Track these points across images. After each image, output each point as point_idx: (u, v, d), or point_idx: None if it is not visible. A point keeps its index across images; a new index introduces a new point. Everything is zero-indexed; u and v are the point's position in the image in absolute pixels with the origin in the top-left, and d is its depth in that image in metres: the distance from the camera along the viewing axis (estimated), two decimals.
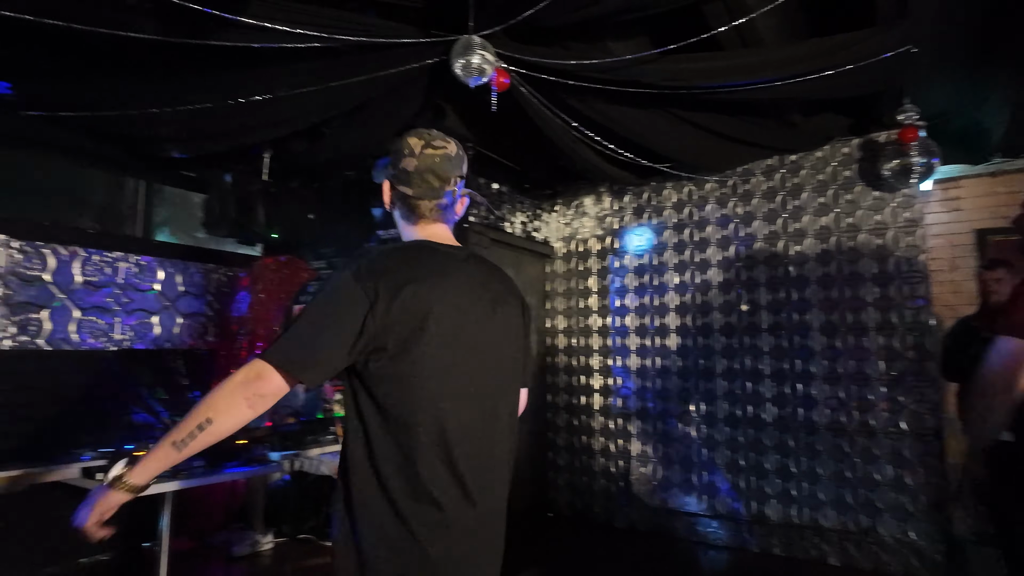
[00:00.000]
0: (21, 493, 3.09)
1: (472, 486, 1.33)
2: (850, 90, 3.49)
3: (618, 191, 5.21)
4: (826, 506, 4.09)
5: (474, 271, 1.46)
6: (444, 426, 1.31)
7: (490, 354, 1.42)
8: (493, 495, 1.41)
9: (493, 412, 1.41)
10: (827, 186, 4.34)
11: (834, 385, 4.15)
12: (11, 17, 2.36)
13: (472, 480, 1.33)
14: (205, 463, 3.05)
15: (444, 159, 1.46)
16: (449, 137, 1.52)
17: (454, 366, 1.34)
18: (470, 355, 1.37)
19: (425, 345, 1.29)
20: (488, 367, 1.41)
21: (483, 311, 1.41)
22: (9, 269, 3.76)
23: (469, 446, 1.34)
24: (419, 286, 1.30)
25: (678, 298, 4.82)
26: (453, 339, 1.34)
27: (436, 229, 1.50)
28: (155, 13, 2.52)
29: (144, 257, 4.47)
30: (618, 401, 5.01)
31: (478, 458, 1.36)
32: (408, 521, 1.27)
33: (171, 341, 4.59)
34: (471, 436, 1.35)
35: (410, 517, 1.27)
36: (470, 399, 1.36)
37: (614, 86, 3.23)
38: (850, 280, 4.18)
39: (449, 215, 1.52)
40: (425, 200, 1.46)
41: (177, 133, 3.79)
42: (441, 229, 1.51)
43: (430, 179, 1.44)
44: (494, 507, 1.42)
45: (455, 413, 1.33)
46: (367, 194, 5.18)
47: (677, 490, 4.65)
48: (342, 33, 2.76)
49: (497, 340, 1.44)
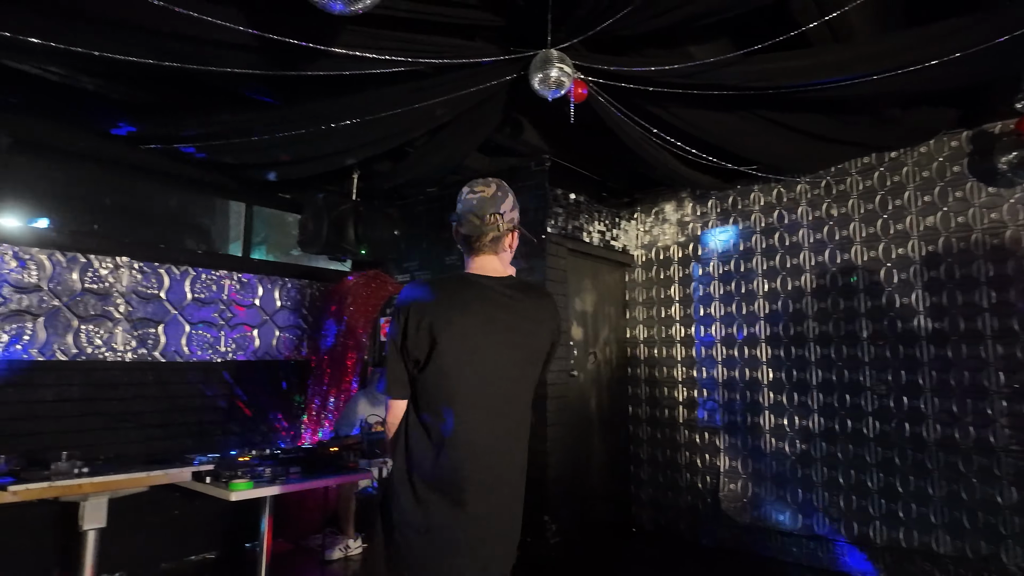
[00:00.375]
0: (141, 495, 3.37)
1: (479, 478, 1.59)
2: (959, 80, 3.23)
3: (701, 196, 5.07)
4: (939, 529, 3.77)
5: (503, 299, 1.72)
6: (454, 427, 1.58)
7: (500, 368, 1.67)
8: (501, 484, 1.65)
9: (500, 415, 1.66)
10: (933, 183, 4.04)
11: (945, 398, 3.84)
12: (135, 62, 2.60)
13: (479, 473, 1.59)
14: (301, 470, 3.20)
15: (480, 200, 1.72)
16: (492, 180, 1.79)
17: (463, 378, 1.62)
18: (478, 369, 1.64)
19: (439, 360, 1.60)
20: (497, 378, 1.66)
21: (497, 333, 1.68)
22: (131, 288, 4.13)
23: (477, 444, 1.61)
24: (434, 316, 1.62)
25: (768, 306, 4.62)
26: (462, 357, 1.62)
27: (485, 261, 1.77)
28: (255, 49, 2.71)
29: (245, 275, 4.79)
30: (704, 414, 4.85)
31: (485, 455, 1.61)
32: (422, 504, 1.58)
33: (270, 353, 4.88)
34: (479, 436, 1.62)
35: (424, 502, 1.58)
36: (478, 405, 1.63)
37: (696, 90, 3.16)
38: (962, 284, 3.86)
39: (497, 248, 1.76)
40: (473, 236, 1.73)
41: (274, 159, 4.05)
42: (490, 261, 1.77)
43: (472, 219, 1.72)
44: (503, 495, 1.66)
45: (464, 416, 1.60)
46: (448, 209, 5.30)
47: (769, 508, 4.43)
48: (427, 56, 2.86)
49: (508, 356, 1.69)
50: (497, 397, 1.66)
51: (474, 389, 1.63)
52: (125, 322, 4.08)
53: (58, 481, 2.65)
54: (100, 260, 4.02)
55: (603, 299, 5.22)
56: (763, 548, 4.41)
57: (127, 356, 4.07)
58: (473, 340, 1.63)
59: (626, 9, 2.55)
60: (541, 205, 4.67)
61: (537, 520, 4.29)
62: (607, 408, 5.13)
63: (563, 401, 4.59)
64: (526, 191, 4.78)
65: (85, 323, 3.91)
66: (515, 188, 4.94)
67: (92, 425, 3.89)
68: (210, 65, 2.76)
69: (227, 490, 2.82)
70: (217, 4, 2.42)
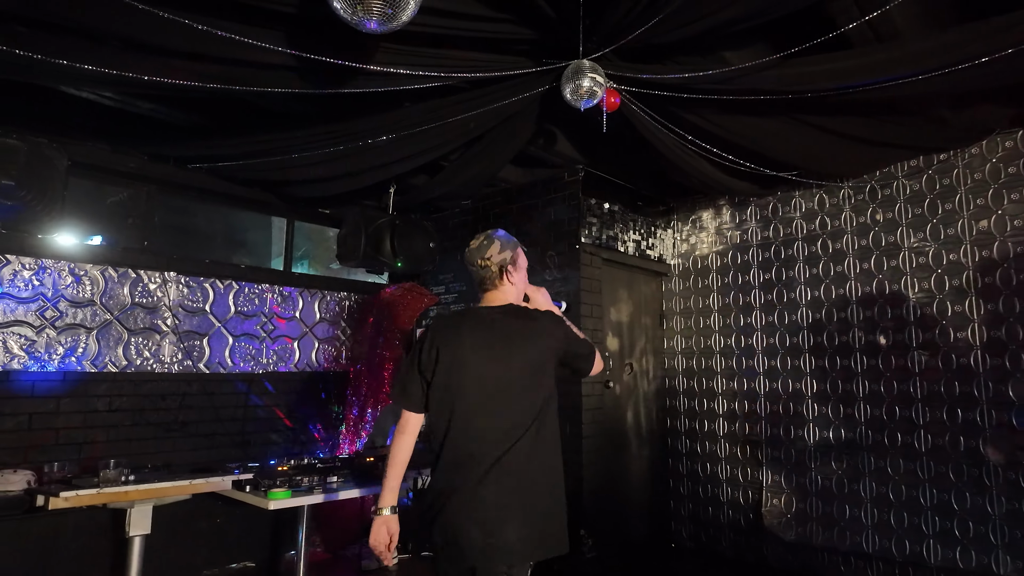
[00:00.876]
0: (185, 503, 3.46)
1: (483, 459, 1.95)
2: (1015, 76, 3.08)
3: (739, 203, 4.97)
4: (999, 550, 3.57)
5: (500, 323, 2.12)
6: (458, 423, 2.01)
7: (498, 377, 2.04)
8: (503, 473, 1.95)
9: (492, 414, 2.01)
10: (987, 186, 3.87)
11: (1003, 411, 3.65)
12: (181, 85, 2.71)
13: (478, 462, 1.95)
14: (338, 479, 3.24)
15: (470, 252, 2.23)
16: (480, 234, 2.26)
17: (464, 387, 2.03)
18: (477, 379, 2.04)
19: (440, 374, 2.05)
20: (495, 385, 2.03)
21: (496, 350, 2.07)
22: (178, 302, 4.28)
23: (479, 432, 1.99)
24: (442, 343, 2.08)
25: (811, 315, 4.48)
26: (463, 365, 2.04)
27: (489, 296, 2.22)
28: (294, 68, 2.79)
29: (286, 288, 4.91)
30: (746, 426, 4.72)
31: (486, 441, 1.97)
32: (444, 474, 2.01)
33: (310, 364, 4.98)
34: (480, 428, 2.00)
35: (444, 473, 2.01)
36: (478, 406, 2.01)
37: (732, 96, 3.11)
38: (1021, 290, 3.67)
39: (497, 284, 2.20)
40: (475, 279, 2.24)
41: (314, 175, 4.15)
42: (492, 295, 2.22)
43: (469, 266, 2.24)
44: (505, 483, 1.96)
45: (463, 415, 2.01)
46: (481, 222, 5.34)
47: (816, 525, 4.27)
48: (460, 71, 2.90)
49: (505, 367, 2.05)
50: (490, 399, 2.03)
51: (467, 394, 2.03)
52: (172, 335, 4.22)
53: (106, 488, 2.75)
54: (149, 275, 4.17)
55: (639, 309, 5.16)
56: (811, 567, 4.25)
57: (174, 368, 4.21)
58: (463, 355, 2.06)
59: (657, 17, 2.53)
60: (575, 215, 4.65)
61: (573, 534, 4.22)
62: (644, 420, 5.05)
63: (599, 413, 4.53)
64: (560, 202, 4.78)
65: (135, 336, 4.07)
66: (549, 199, 4.95)
67: (142, 435, 4.02)
68: (250, 86, 2.85)
69: (266, 499, 2.88)
70: (257, 26, 2.51)
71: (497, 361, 2.06)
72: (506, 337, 2.09)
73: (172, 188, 4.37)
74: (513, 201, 5.13)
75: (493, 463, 1.94)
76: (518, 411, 2.02)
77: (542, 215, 4.89)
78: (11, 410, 3.55)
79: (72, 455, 3.66)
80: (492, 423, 1.99)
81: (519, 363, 2.06)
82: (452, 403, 2.01)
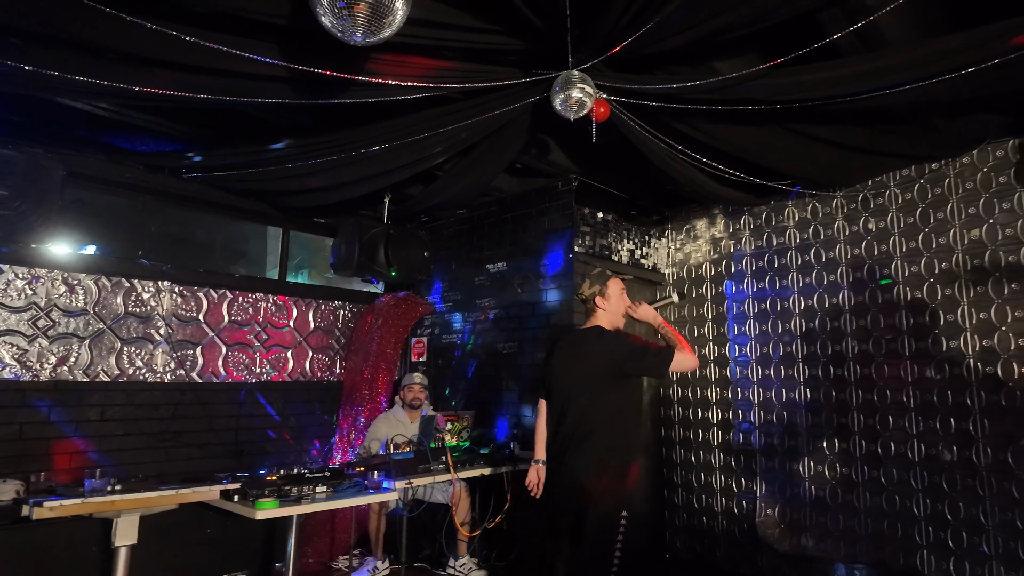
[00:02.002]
0: (176, 513, 3.44)
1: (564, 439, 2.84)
2: (1006, 84, 3.09)
3: (733, 212, 4.99)
4: (993, 561, 3.55)
5: (582, 340, 2.98)
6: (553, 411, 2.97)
7: (572, 379, 2.90)
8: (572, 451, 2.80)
9: (567, 411, 2.86)
10: (978, 195, 3.88)
11: (997, 421, 3.64)
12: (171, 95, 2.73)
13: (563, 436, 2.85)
14: (327, 489, 3.23)
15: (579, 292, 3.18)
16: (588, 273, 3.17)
17: (558, 384, 2.96)
18: (563, 380, 2.94)
19: (548, 377, 3.06)
20: (570, 384, 2.90)
21: (567, 361, 2.96)
22: (171, 311, 4.28)
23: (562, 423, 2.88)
24: (549, 353, 3.11)
25: (805, 324, 4.48)
26: (559, 373, 2.98)
27: (590, 321, 3.05)
28: (286, 80, 2.81)
29: (281, 297, 4.91)
30: (740, 436, 4.71)
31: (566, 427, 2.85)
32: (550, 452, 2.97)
33: (303, 373, 4.98)
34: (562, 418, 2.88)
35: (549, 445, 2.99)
36: (562, 399, 2.91)
37: (722, 105, 3.12)
38: (1013, 299, 3.67)
39: (590, 312, 3.06)
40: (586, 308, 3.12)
41: (308, 185, 4.17)
42: (590, 319, 3.05)
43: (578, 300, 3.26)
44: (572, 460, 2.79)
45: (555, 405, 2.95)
46: (476, 231, 5.36)
47: (809, 535, 4.24)
48: (450, 82, 2.92)
49: (576, 371, 2.90)
50: (567, 399, 2.87)
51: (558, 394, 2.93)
52: (165, 344, 4.22)
53: (91, 498, 2.73)
54: (143, 284, 4.18)
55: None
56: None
57: (166, 377, 4.21)
58: (555, 364, 2.99)
59: (645, 27, 2.54)
60: (568, 225, 4.67)
61: None
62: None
63: None
64: (553, 211, 4.79)
65: (127, 345, 4.07)
66: (542, 208, 4.97)
67: (135, 444, 4.02)
68: (242, 97, 2.87)
69: (253, 508, 2.87)
70: (248, 38, 2.53)
71: (573, 371, 2.89)
72: (579, 352, 2.92)
73: (168, 198, 4.39)
74: (508, 210, 5.14)
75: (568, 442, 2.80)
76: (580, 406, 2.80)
77: (536, 224, 4.91)
78: (3, 419, 3.55)
79: (64, 465, 3.65)
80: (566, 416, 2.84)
81: (583, 372, 2.86)
82: (550, 397, 2.98)
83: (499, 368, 4.97)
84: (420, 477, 3.64)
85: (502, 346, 4.99)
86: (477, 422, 4.78)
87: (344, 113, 3.37)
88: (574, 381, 2.84)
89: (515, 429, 4.68)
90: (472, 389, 5.16)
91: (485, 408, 4.95)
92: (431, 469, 3.73)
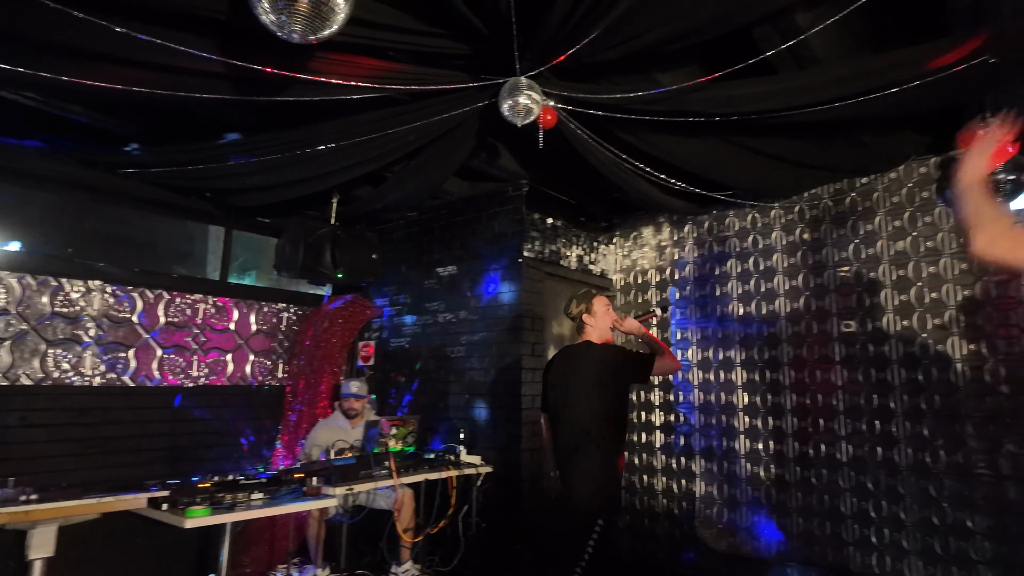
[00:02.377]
0: (102, 524, 3.28)
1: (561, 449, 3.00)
2: (924, 104, 3.28)
3: (678, 220, 5.12)
4: (911, 555, 3.74)
5: (574, 355, 3.14)
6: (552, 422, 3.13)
7: (566, 391, 3.03)
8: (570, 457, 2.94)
9: (563, 420, 3.01)
10: (903, 209, 4.10)
11: (917, 422, 3.84)
12: (107, 88, 2.62)
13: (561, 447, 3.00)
14: (263, 496, 3.15)
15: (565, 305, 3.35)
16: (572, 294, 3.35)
17: (553, 397, 3.12)
18: (558, 393, 3.08)
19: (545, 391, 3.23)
20: (563, 397, 3.04)
21: (568, 373, 3.08)
22: (102, 312, 4.10)
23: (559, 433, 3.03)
24: (546, 369, 3.28)
25: (743, 330, 4.63)
26: (553, 387, 3.13)
27: (581, 337, 3.20)
28: (226, 76, 2.74)
29: (221, 299, 4.76)
30: (681, 439, 4.82)
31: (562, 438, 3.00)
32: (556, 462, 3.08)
33: (244, 378, 4.83)
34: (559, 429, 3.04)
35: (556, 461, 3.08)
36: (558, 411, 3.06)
37: (663, 116, 3.21)
38: (933, 309, 3.89)
39: (580, 327, 3.22)
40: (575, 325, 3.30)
41: (253, 183, 4.06)
42: (582, 336, 3.19)
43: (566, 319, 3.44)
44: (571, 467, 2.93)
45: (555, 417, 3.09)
46: (426, 234, 5.33)
47: (745, 535, 4.38)
48: (395, 83, 2.90)
49: (568, 384, 3.04)
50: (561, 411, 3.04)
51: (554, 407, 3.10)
52: (95, 346, 4.04)
53: (2, 508, 2.58)
54: (71, 284, 3.99)
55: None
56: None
57: (95, 380, 4.02)
58: (551, 379, 3.17)
59: (589, 37, 2.59)
60: (518, 229, 4.70)
61: (511, 548, 4.22)
62: None
63: (538, 426, 4.54)
64: (503, 216, 4.81)
65: (53, 347, 3.87)
66: (492, 212, 4.98)
67: (60, 451, 3.81)
68: (179, 92, 2.78)
69: (183, 517, 2.77)
70: (186, 32, 2.45)
71: (568, 385, 3.04)
72: (570, 366, 3.10)
73: (103, 195, 4.20)
74: (458, 214, 5.14)
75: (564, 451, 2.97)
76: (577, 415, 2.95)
77: (486, 228, 4.92)
78: None
79: None
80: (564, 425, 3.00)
81: (576, 383, 3.01)
82: (547, 408, 3.17)
83: (447, 372, 4.95)
84: (361, 483, 3.58)
85: (450, 350, 4.97)
86: (424, 426, 4.74)
87: (289, 112, 3.31)
88: (567, 393, 3.01)
89: (462, 433, 4.67)
90: (420, 393, 5.12)
91: (433, 412, 4.92)
92: (373, 475, 3.67)
